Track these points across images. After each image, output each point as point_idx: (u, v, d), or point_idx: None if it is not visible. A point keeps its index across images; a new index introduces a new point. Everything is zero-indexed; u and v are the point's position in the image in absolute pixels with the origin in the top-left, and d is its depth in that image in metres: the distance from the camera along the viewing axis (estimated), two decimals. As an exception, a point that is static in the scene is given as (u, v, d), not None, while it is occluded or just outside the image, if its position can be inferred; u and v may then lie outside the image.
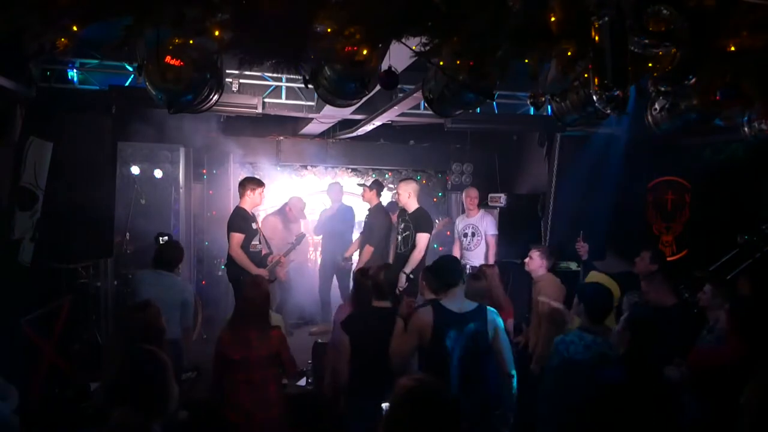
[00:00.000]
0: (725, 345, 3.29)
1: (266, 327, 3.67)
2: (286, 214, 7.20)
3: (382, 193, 6.84)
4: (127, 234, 6.64)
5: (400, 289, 5.43)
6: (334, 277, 7.26)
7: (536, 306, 4.71)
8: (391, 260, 6.11)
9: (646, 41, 2.76)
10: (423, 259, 5.65)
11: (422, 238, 5.73)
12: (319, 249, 7.91)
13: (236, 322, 3.72)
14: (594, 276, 4.63)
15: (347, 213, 7.41)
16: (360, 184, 7.21)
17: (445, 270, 3.50)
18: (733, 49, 3.15)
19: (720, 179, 5.69)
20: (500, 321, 3.42)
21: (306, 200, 7.51)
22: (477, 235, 6.65)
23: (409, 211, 5.96)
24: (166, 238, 5.79)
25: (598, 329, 3.40)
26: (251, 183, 5.76)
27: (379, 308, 3.70)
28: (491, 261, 6.39)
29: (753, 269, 4.72)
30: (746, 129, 4.13)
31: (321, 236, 7.61)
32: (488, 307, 3.45)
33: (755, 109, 3.95)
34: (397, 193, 6.15)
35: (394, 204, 6.75)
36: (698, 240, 6.04)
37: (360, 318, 3.68)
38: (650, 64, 2.98)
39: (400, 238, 6.03)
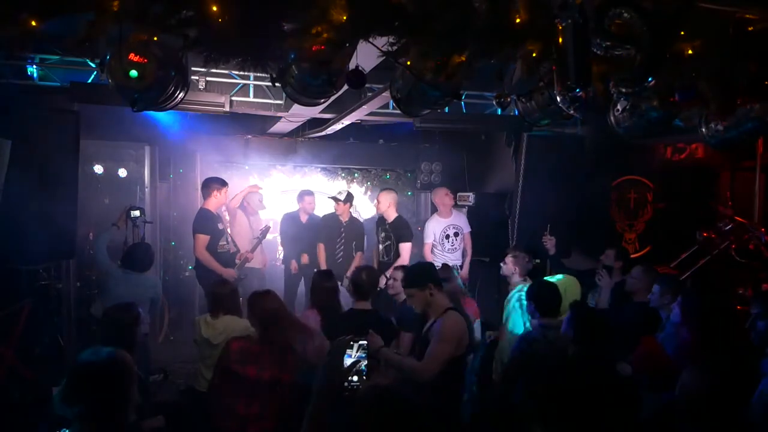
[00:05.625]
0: (677, 338, 3.40)
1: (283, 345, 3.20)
2: (245, 208, 6.65)
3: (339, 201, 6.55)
4: (90, 235, 6.50)
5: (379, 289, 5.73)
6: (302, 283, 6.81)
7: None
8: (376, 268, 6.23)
9: (608, 44, 2.84)
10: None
11: (405, 248, 5.93)
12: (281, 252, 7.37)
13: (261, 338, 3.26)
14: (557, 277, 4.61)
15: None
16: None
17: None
18: (690, 52, 3.26)
19: (680, 178, 5.86)
20: None
21: (263, 192, 6.92)
22: (460, 235, 6.56)
23: (389, 221, 6.09)
24: (137, 213, 5.52)
25: (554, 324, 3.47)
26: (216, 183, 5.65)
27: (359, 310, 3.63)
28: (469, 258, 6.47)
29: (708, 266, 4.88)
30: (703, 129, 4.26)
31: (283, 242, 7.01)
32: None
33: (711, 110, 4.07)
34: (377, 201, 6.23)
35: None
36: (660, 237, 6.21)
37: (341, 321, 3.53)
38: (612, 66, 3.06)
39: (381, 247, 6.15)
